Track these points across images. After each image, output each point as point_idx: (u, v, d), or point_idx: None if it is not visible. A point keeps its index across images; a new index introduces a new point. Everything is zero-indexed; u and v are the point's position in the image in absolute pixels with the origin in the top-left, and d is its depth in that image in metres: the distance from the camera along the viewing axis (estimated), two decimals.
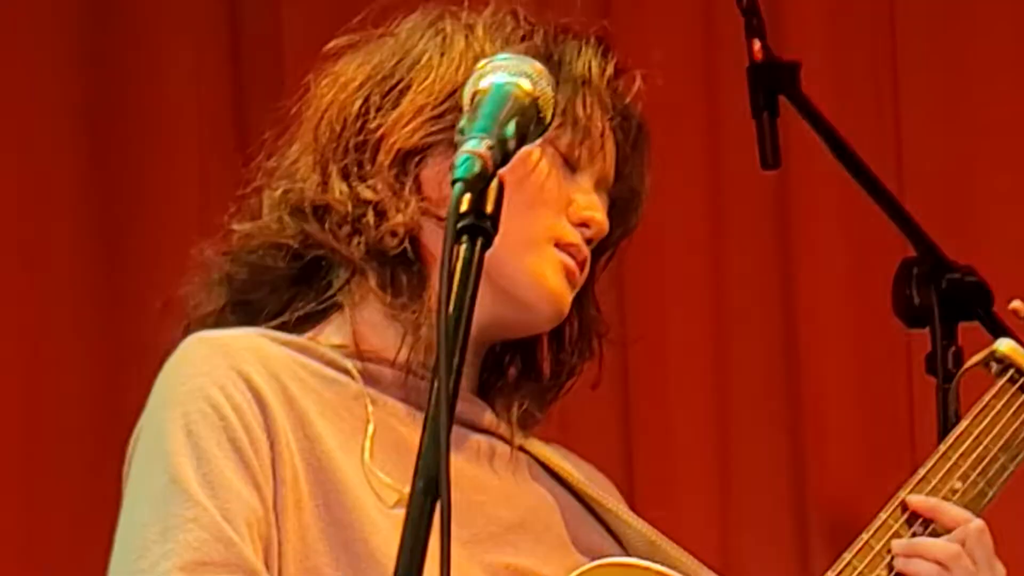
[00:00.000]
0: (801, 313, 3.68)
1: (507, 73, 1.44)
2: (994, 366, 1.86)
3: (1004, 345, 1.87)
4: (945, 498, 1.81)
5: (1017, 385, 1.85)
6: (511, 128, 1.38)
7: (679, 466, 3.60)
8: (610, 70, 1.81)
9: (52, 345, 3.72)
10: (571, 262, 1.79)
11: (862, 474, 3.49)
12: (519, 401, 1.87)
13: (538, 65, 1.46)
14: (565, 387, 1.90)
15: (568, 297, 1.79)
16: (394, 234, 1.75)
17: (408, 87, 1.77)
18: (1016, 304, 1.91)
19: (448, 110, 1.74)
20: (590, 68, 1.81)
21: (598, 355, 1.89)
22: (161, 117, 3.81)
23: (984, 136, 3.68)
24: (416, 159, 1.77)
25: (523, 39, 1.80)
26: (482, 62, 1.49)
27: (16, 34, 4.01)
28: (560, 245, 1.77)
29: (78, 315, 3.76)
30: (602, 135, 1.81)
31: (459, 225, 1.28)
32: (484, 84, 1.43)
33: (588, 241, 1.80)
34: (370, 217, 1.76)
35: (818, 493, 3.52)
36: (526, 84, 1.42)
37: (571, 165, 1.78)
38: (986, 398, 1.83)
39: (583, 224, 1.79)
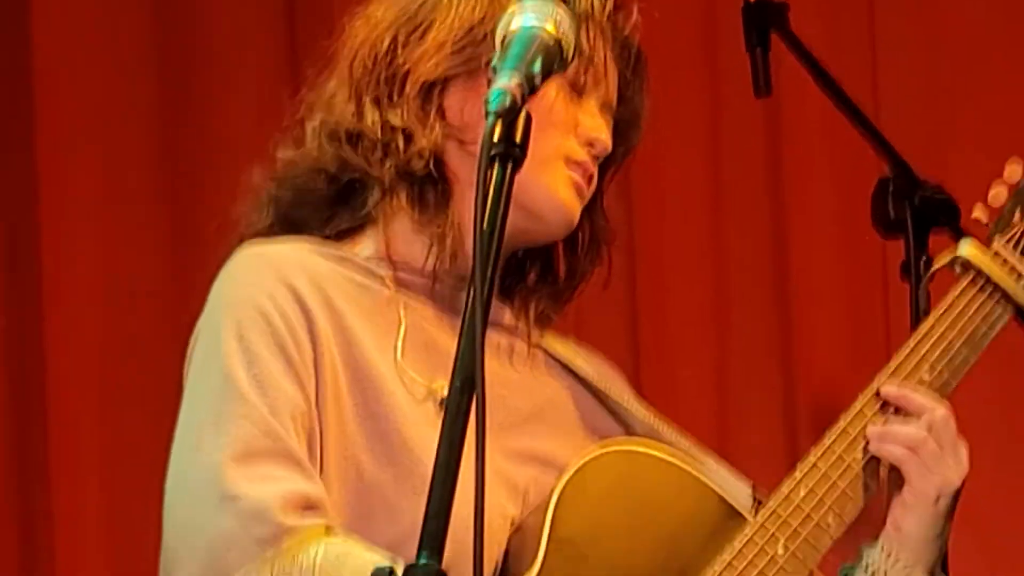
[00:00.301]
0: (792, 224, 3.81)
1: (534, 16, 1.50)
2: (958, 268, 1.95)
3: (965, 248, 1.95)
4: (914, 387, 1.92)
5: (978, 286, 1.94)
6: (537, 66, 1.46)
7: (679, 358, 3.75)
8: (610, 5, 1.89)
9: (130, 253, 3.86)
10: (579, 178, 1.88)
11: (844, 368, 3.59)
12: (536, 302, 1.97)
13: (562, 9, 1.53)
14: (578, 289, 1.99)
15: (577, 209, 1.89)
16: (420, 156, 1.84)
17: (431, 26, 1.85)
18: (977, 213, 2.02)
19: (466, 45, 1.83)
20: (593, 4, 1.87)
21: (607, 260, 1.99)
22: (226, 59, 3.93)
23: (954, 72, 3.78)
24: (439, 89, 1.86)
25: None
26: (512, 6, 1.56)
27: None
28: (569, 162, 1.86)
29: (153, 227, 3.90)
30: (604, 63, 1.89)
31: (492, 152, 1.38)
32: (514, 26, 1.50)
33: (595, 159, 1.90)
34: (399, 141, 1.84)
35: (805, 383, 3.66)
36: (551, 27, 1.50)
37: (577, 91, 1.86)
38: (950, 297, 1.93)
39: (589, 143, 1.88)
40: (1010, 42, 3.86)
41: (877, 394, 1.89)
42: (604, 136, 1.91)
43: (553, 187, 1.86)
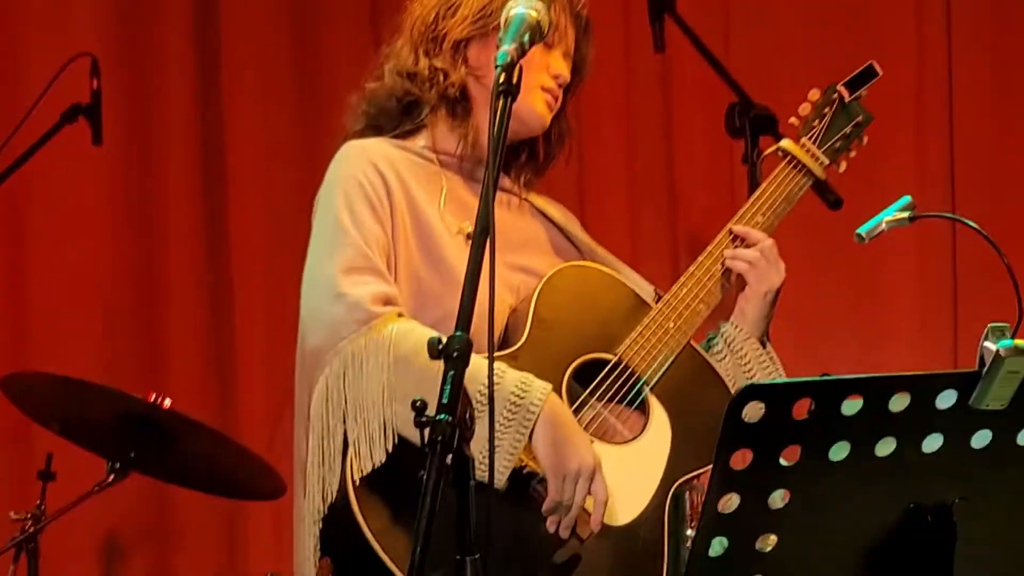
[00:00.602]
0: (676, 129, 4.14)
1: (524, 6, 1.93)
2: (780, 154, 2.45)
3: (784, 142, 2.46)
4: (752, 227, 2.38)
5: (792, 165, 2.42)
6: (527, 37, 1.90)
7: (597, 210, 4.08)
8: None
9: (286, 148, 4.12)
10: (550, 98, 2.33)
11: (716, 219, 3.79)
12: (525, 173, 2.43)
13: (540, 1, 1.95)
14: (550, 165, 2.46)
15: (548, 117, 2.34)
16: (452, 86, 2.29)
17: (460, 5, 2.29)
18: (792, 120, 2.49)
19: (480, 17, 2.27)
20: None
21: (567, 147, 2.45)
22: (341, 30, 4.19)
23: (784, 36, 4.13)
24: (463, 44, 2.30)
25: None
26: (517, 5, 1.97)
27: None
28: (544, 89, 2.31)
29: (299, 123, 4.19)
30: (565, 29, 2.33)
31: (499, 90, 1.83)
32: (512, 12, 1.94)
33: (560, 87, 2.34)
34: (439, 77, 2.29)
35: (685, 222, 4.14)
36: (534, 12, 1.93)
37: (548, 45, 2.27)
38: (774, 172, 2.43)
39: (555, 76, 2.32)
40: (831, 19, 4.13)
41: (730, 232, 2.37)
42: (565, 72, 2.33)
43: (533, 104, 2.29)
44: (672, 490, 2.20)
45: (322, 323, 2.15)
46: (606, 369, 2.25)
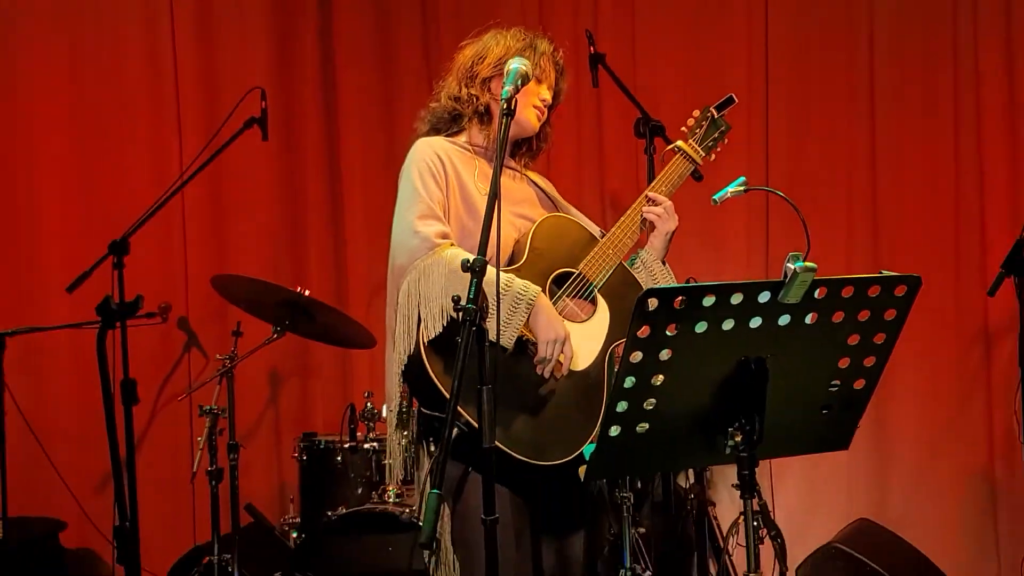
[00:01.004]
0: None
1: (519, 61, 2.05)
2: (676, 150, 2.39)
3: (678, 142, 2.40)
4: (659, 194, 2.34)
5: (682, 156, 2.38)
6: (519, 81, 2.01)
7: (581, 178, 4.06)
8: (550, 47, 2.31)
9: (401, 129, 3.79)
10: (539, 113, 2.30)
11: (629, 189, 4.02)
12: (525, 158, 2.40)
13: (529, 61, 2.08)
14: (540, 152, 2.42)
15: (538, 125, 2.32)
16: (481, 105, 2.29)
17: (486, 56, 2.29)
18: (683, 128, 2.42)
19: (498, 64, 2.25)
20: (545, 48, 2.30)
21: (550, 142, 2.41)
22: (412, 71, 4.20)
23: (674, 60, 4.00)
24: (488, 79, 2.28)
25: (523, 40, 2.29)
26: (511, 57, 2.11)
27: None
28: (535, 107, 2.29)
29: (385, 128, 4.22)
30: (549, 70, 2.31)
31: (503, 113, 1.94)
32: (511, 66, 2.04)
33: (545, 108, 2.32)
34: (473, 100, 2.29)
35: (610, 193, 4.06)
36: (523, 66, 2.04)
37: (538, 80, 2.28)
38: (671, 161, 2.38)
39: (542, 101, 2.30)
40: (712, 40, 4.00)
41: (647, 195, 2.33)
42: (548, 98, 2.31)
43: (528, 117, 2.29)
44: (609, 350, 2.21)
45: (405, 249, 2.11)
46: (572, 278, 2.23)
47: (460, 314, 1.75)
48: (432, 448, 2.08)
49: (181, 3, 3.98)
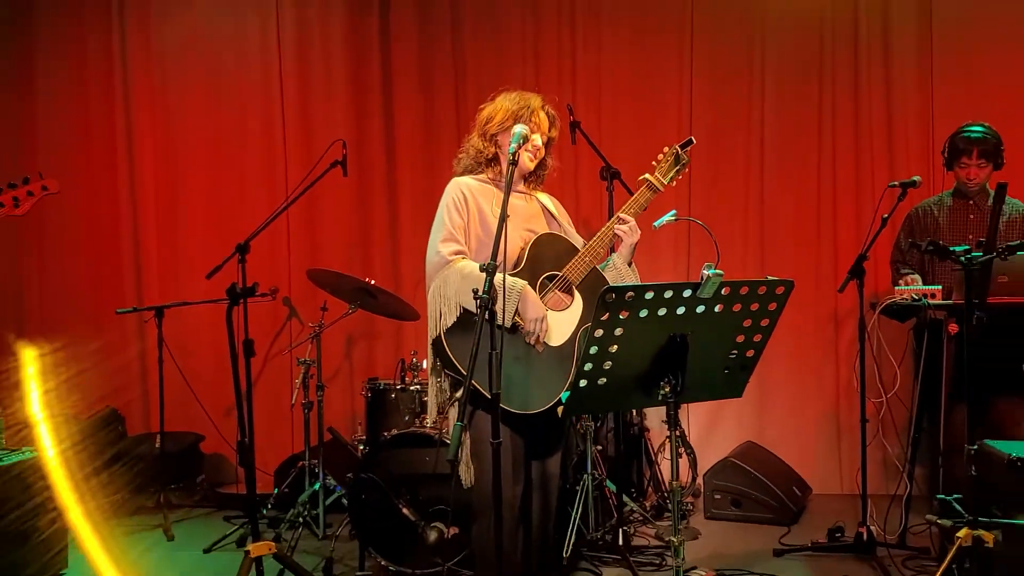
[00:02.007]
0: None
1: (520, 127, 1.95)
2: (644, 182, 2.15)
3: (647, 175, 2.15)
4: (628, 214, 2.13)
5: (648, 187, 2.13)
6: (520, 140, 1.93)
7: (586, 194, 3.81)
8: (539, 102, 2.15)
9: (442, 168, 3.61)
10: (533, 156, 2.15)
11: (597, 216, 3.80)
12: (531, 183, 2.22)
13: (525, 128, 1.94)
14: (542, 181, 2.23)
15: (532, 165, 2.16)
16: (491, 154, 2.14)
17: (495, 116, 2.13)
18: (653, 164, 2.15)
19: (505, 121, 2.10)
20: (536, 104, 2.14)
21: (549, 171, 2.23)
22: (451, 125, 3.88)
23: (631, 109, 3.76)
24: (498, 135, 2.13)
25: (519, 102, 2.13)
26: (511, 117, 2.00)
27: None
28: (527, 151, 2.13)
29: (426, 175, 3.89)
30: (543, 123, 2.14)
31: (509, 161, 1.89)
32: (515, 130, 1.95)
33: (540, 151, 2.17)
34: (489, 149, 2.14)
35: (586, 218, 3.79)
36: (524, 130, 1.96)
37: (534, 131, 2.12)
38: (638, 190, 2.15)
39: (535, 148, 2.15)
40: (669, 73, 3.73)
41: (618, 216, 2.12)
42: (541, 146, 2.15)
43: (523, 161, 2.14)
44: (581, 330, 2.08)
45: (431, 262, 2.01)
46: (557, 278, 2.10)
47: (478, 301, 1.72)
48: (447, 385, 2.01)
49: (288, 71, 3.90)
